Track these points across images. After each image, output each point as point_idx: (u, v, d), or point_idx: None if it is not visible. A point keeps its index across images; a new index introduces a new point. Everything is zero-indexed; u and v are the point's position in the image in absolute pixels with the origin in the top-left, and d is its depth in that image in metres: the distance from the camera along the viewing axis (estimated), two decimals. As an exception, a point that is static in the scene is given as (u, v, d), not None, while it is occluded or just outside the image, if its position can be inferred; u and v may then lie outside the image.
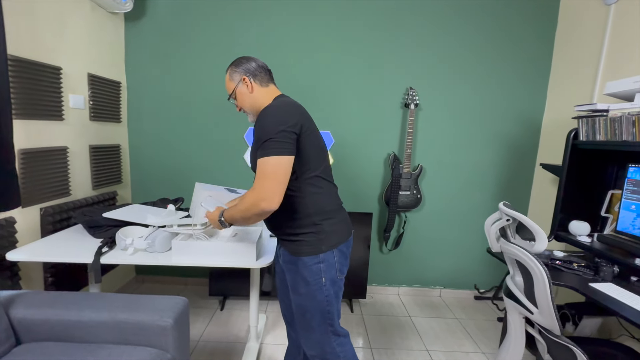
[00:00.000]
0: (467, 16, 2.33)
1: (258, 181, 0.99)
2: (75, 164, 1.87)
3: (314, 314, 1.13)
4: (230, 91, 1.18)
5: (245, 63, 1.16)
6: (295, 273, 1.13)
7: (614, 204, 1.72)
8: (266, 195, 0.97)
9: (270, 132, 0.98)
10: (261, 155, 0.99)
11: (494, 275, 2.63)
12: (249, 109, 1.19)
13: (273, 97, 1.17)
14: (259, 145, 1.00)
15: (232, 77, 1.17)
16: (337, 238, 1.15)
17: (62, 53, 1.73)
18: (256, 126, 1.06)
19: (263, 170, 0.98)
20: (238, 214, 1.06)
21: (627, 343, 1.66)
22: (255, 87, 1.15)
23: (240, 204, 1.06)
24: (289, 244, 1.15)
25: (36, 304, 1.16)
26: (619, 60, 1.84)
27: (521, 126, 2.46)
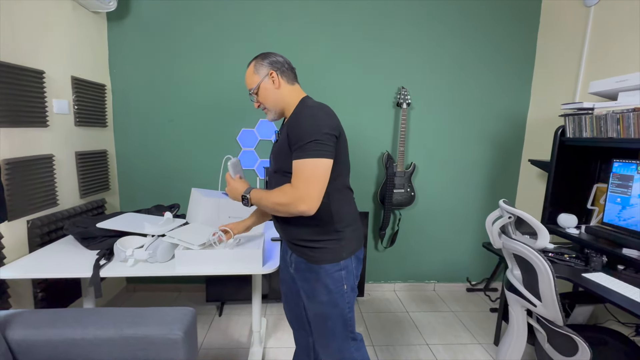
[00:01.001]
0: (454, 17, 2.38)
1: (301, 182, 0.96)
2: (62, 172, 1.78)
3: (335, 321, 1.12)
4: (254, 85, 1.11)
5: (273, 57, 1.11)
6: (316, 281, 1.11)
7: (598, 197, 1.82)
8: (307, 198, 0.95)
9: (314, 133, 0.96)
10: (304, 157, 0.96)
11: (485, 267, 2.73)
12: (272, 106, 1.12)
13: (299, 96, 1.13)
14: (300, 146, 0.97)
15: (258, 70, 1.10)
16: (355, 244, 1.15)
17: (44, 56, 1.64)
18: (294, 125, 1.01)
19: (306, 171, 0.96)
20: (269, 203, 1.02)
21: (614, 327, 1.76)
22: (282, 83, 1.10)
23: (275, 194, 1.01)
24: (307, 251, 1.12)
25: (35, 323, 1.10)
26: (600, 59, 1.94)
27: (507, 123, 2.55)
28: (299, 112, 1.04)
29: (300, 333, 1.39)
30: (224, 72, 2.30)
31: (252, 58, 1.14)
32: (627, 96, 1.50)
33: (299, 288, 1.23)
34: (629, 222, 1.50)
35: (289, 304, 1.35)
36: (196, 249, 1.34)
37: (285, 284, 1.33)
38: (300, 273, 1.16)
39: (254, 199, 1.07)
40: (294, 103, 1.11)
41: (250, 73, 1.12)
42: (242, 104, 2.34)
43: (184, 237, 1.39)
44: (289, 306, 1.36)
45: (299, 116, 1.03)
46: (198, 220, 1.60)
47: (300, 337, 1.40)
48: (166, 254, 1.39)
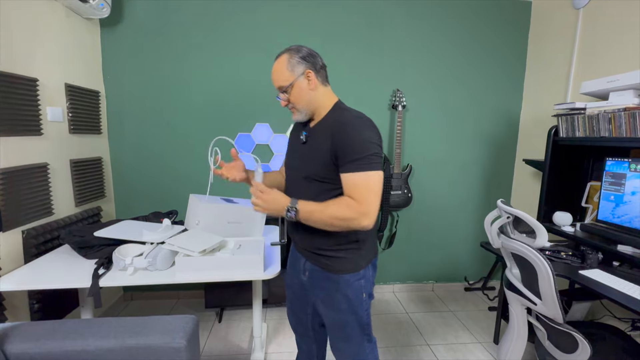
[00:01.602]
0: (446, 20, 2.41)
1: (365, 196, 0.92)
2: (57, 180, 1.75)
3: (353, 327, 1.11)
4: (286, 83, 1.02)
5: (306, 51, 1.04)
6: (335, 291, 1.08)
7: (592, 195, 1.85)
8: (371, 213, 0.93)
9: (372, 146, 0.95)
10: (366, 169, 0.93)
11: (482, 266, 2.75)
12: (304, 107, 1.05)
13: (333, 100, 1.09)
14: (358, 158, 0.93)
15: (293, 67, 1.02)
16: (373, 253, 1.14)
17: (37, 63, 1.62)
18: (346, 136, 0.96)
19: (370, 184, 0.93)
20: (326, 217, 0.95)
21: (610, 322, 1.80)
22: (318, 84, 1.05)
23: (335, 208, 0.95)
24: (325, 260, 1.08)
25: (34, 336, 1.08)
26: (590, 60, 1.98)
27: (501, 124, 2.59)
28: (345, 123, 0.98)
29: (304, 339, 1.37)
30: (219, 77, 2.30)
31: (283, 50, 1.05)
32: (618, 96, 1.53)
33: (308, 295, 1.21)
34: (622, 219, 1.53)
35: (295, 310, 1.32)
36: (197, 255, 1.33)
37: (291, 290, 1.30)
38: (316, 281, 1.13)
39: (303, 212, 0.96)
40: (327, 106, 1.07)
41: (282, 69, 1.03)
42: (238, 108, 2.34)
43: (184, 243, 1.38)
44: (294, 312, 1.33)
45: (350, 127, 0.97)
46: (197, 226, 1.59)
47: (304, 343, 1.38)
48: (166, 261, 1.38)
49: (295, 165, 1.13)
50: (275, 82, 1.06)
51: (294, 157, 1.15)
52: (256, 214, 1.72)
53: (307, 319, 1.30)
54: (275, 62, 1.06)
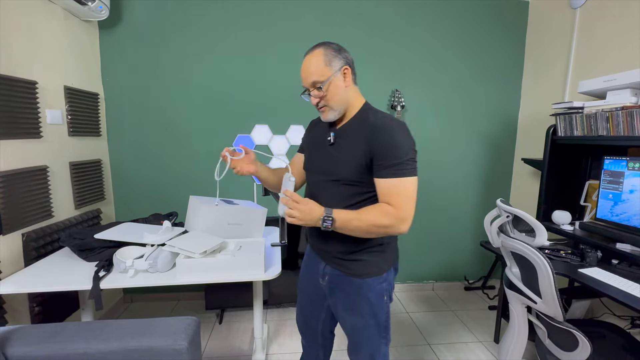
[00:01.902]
0: (445, 21, 2.42)
1: (404, 202, 0.91)
2: (56, 183, 1.75)
3: (372, 330, 1.09)
4: (324, 78, 0.96)
5: (344, 51, 1.00)
6: (357, 295, 1.06)
7: (590, 193, 1.86)
8: (409, 219, 0.92)
9: (410, 151, 0.94)
10: (404, 175, 0.92)
11: (482, 265, 2.76)
12: (338, 105, 1.00)
13: (362, 100, 1.06)
14: (395, 164, 0.92)
15: (331, 62, 0.97)
16: (394, 256, 1.13)
17: (36, 66, 1.62)
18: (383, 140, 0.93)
19: (408, 191, 0.92)
20: (364, 224, 0.92)
21: (610, 320, 1.80)
22: (350, 82, 1.01)
23: (373, 215, 0.92)
24: (348, 264, 1.06)
25: (35, 339, 1.08)
26: (587, 59, 1.99)
27: (499, 124, 2.60)
28: (384, 125, 0.95)
29: (311, 345, 1.34)
30: (217, 78, 2.30)
31: (316, 45, 1.00)
32: (616, 95, 1.54)
33: (322, 300, 1.19)
34: (621, 218, 1.54)
35: (306, 316, 1.29)
36: (198, 257, 1.34)
37: (304, 295, 1.27)
38: (337, 285, 1.10)
39: (340, 222, 0.92)
40: (356, 106, 1.04)
41: (319, 63, 0.97)
42: (236, 109, 2.34)
43: (185, 245, 1.38)
44: (305, 318, 1.30)
45: (387, 131, 0.94)
46: (197, 228, 1.59)
47: (311, 348, 1.35)
48: (167, 263, 1.38)
49: (322, 168, 1.07)
50: (308, 78, 1.00)
51: (319, 159, 1.10)
52: (255, 215, 1.72)
53: (318, 325, 1.27)
54: (308, 56, 1.01)
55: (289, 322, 2.24)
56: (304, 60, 1.02)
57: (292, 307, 2.42)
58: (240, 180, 2.41)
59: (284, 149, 2.43)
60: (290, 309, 2.40)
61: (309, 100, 1.05)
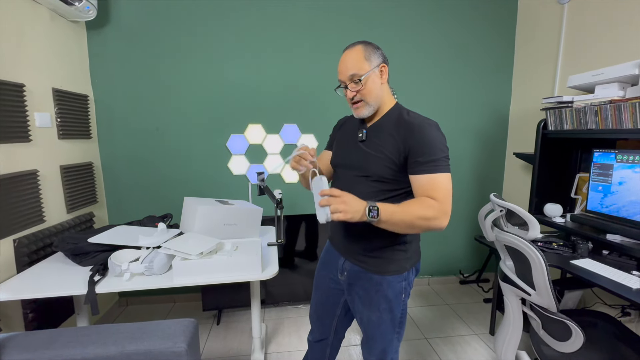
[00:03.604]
0: (435, 17, 2.43)
1: (445, 196, 0.93)
2: (47, 187, 1.72)
3: (388, 325, 1.10)
4: (363, 72, 0.98)
5: (381, 50, 1.03)
6: (376, 292, 1.07)
7: (581, 186, 1.90)
8: (449, 213, 0.94)
9: (445, 148, 0.96)
10: (442, 171, 0.95)
11: (476, 259, 2.80)
12: (373, 101, 1.02)
13: (392, 100, 1.08)
14: (432, 160, 0.94)
15: (370, 57, 1.00)
16: (417, 256, 1.13)
17: (23, 68, 1.59)
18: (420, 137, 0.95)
19: (448, 186, 0.95)
20: (409, 216, 0.90)
21: (601, 309, 1.85)
22: (386, 81, 1.04)
23: (417, 207, 0.92)
24: (370, 261, 1.07)
25: (31, 346, 1.06)
26: (575, 54, 2.03)
27: (491, 119, 2.63)
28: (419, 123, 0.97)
29: (320, 344, 1.33)
30: (209, 77, 2.28)
31: (355, 42, 1.04)
32: (604, 89, 1.57)
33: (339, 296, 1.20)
34: (611, 209, 1.58)
35: (320, 312, 1.29)
36: (194, 258, 1.33)
37: (321, 291, 1.27)
38: (357, 281, 1.11)
39: (385, 213, 0.88)
40: (388, 104, 1.06)
41: (358, 57, 0.99)
42: (230, 108, 2.32)
43: (181, 247, 1.37)
44: (318, 315, 1.30)
45: (422, 129, 0.96)
46: (193, 229, 1.58)
47: (318, 346, 1.34)
48: (163, 265, 1.37)
49: (353, 164, 1.08)
50: (346, 71, 1.01)
51: (350, 154, 1.10)
52: (251, 215, 1.72)
53: (333, 322, 1.27)
54: (347, 50, 1.03)
55: (286, 321, 2.24)
56: (343, 54, 1.05)
57: (289, 306, 2.42)
58: (235, 180, 2.40)
59: (278, 148, 2.42)
60: (288, 308, 2.41)
61: (343, 95, 1.06)
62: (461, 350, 1.93)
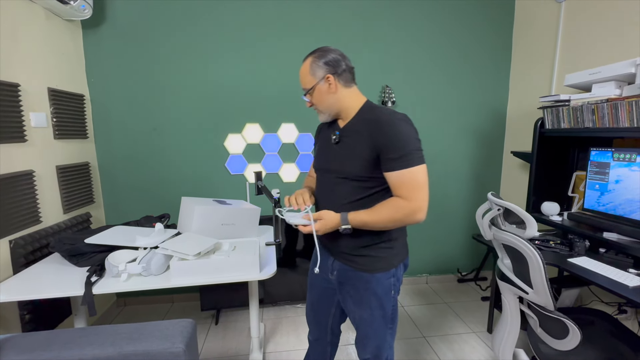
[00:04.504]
0: (433, 17, 2.43)
1: (413, 192, 0.95)
2: (43, 187, 1.71)
3: (380, 321, 1.12)
4: (310, 86, 1.06)
5: (330, 55, 1.04)
6: (365, 290, 1.09)
7: (578, 184, 1.90)
8: (423, 207, 0.95)
9: (414, 141, 0.96)
10: (410, 165, 0.95)
11: (474, 258, 2.81)
12: (326, 109, 1.08)
13: (360, 100, 1.09)
14: (401, 155, 0.94)
15: (314, 71, 1.04)
16: (405, 252, 1.15)
17: (18, 68, 1.57)
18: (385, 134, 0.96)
19: (419, 180, 0.95)
20: (379, 223, 0.98)
21: (598, 307, 1.86)
22: (339, 87, 1.05)
23: (386, 212, 0.97)
24: (358, 259, 1.09)
25: (28, 347, 1.06)
26: (572, 52, 2.03)
27: (488, 118, 2.63)
28: (385, 121, 0.98)
29: (319, 342, 1.35)
30: (206, 76, 2.27)
31: (309, 53, 1.08)
32: (601, 87, 1.57)
33: (333, 295, 1.22)
34: (607, 207, 1.58)
35: (316, 311, 1.31)
36: (192, 259, 1.33)
37: (315, 290, 1.29)
38: (346, 280, 1.13)
39: (356, 226, 1.00)
40: (352, 107, 1.08)
41: (305, 72, 1.07)
42: (228, 108, 2.32)
43: (179, 247, 1.37)
44: (314, 313, 1.32)
45: (389, 125, 0.97)
46: (191, 229, 1.58)
47: (318, 345, 1.36)
48: (161, 266, 1.36)
49: (329, 166, 1.12)
50: (301, 85, 1.10)
51: (327, 158, 1.14)
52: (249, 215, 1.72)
53: (328, 321, 1.29)
54: (302, 64, 1.10)
55: (285, 321, 2.24)
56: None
57: (288, 306, 2.42)
58: (232, 180, 2.40)
59: (276, 148, 2.42)
60: (286, 308, 2.41)
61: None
62: (459, 349, 1.93)
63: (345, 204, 1.05)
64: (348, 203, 1.05)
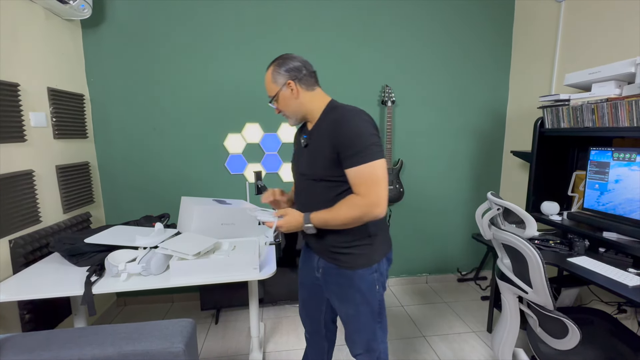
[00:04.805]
0: (433, 16, 2.43)
1: (369, 187, 0.96)
2: (43, 187, 1.71)
3: (367, 316, 1.14)
4: (273, 94, 1.10)
5: (290, 63, 1.07)
6: (349, 287, 1.11)
7: (578, 184, 1.90)
8: (380, 201, 0.96)
9: (369, 136, 0.97)
10: (365, 161, 0.96)
11: (474, 257, 2.81)
12: (292, 114, 1.12)
13: (323, 101, 1.11)
14: (356, 152, 0.96)
15: (276, 79, 1.08)
16: (387, 246, 1.17)
17: (17, 68, 1.57)
18: (341, 133, 0.98)
19: (374, 175, 0.96)
20: (339, 222, 1.01)
21: (597, 307, 1.86)
22: (301, 92, 1.08)
23: (344, 210, 0.99)
24: (340, 257, 1.11)
25: (28, 347, 1.06)
26: (572, 52, 2.03)
27: (488, 117, 2.63)
28: (340, 119, 1.01)
29: (315, 338, 1.38)
30: (206, 76, 2.27)
31: (271, 62, 1.11)
32: (600, 87, 1.57)
33: (322, 292, 1.23)
34: (607, 207, 1.58)
35: (308, 308, 1.34)
36: (191, 259, 1.33)
37: (305, 288, 1.31)
38: (330, 277, 1.16)
39: (319, 223, 1.04)
40: (317, 108, 1.10)
41: (268, 81, 1.10)
42: (227, 107, 2.31)
43: (178, 247, 1.37)
44: (307, 311, 1.34)
45: (343, 123, 0.99)
46: (190, 229, 1.58)
47: (314, 341, 1.39)
48: (160, 265, 1.36)
49: (301, 169, 1.15)
50: (267, 92, 1.13)
51: (299, 161, 1.18)
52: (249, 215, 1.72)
53: (321, 317, 1.32)
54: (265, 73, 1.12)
55: (285, 320, 2.24)
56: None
57: (288, 305, 2.42)
58: (232, 179, 2.40)
59: (276, 147, 2.42)
60: (286, 307, 2.41)
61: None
62: (459, 348, 1.94)
63: (319, 205, 1.06)
64: (322, 204, 1.06)
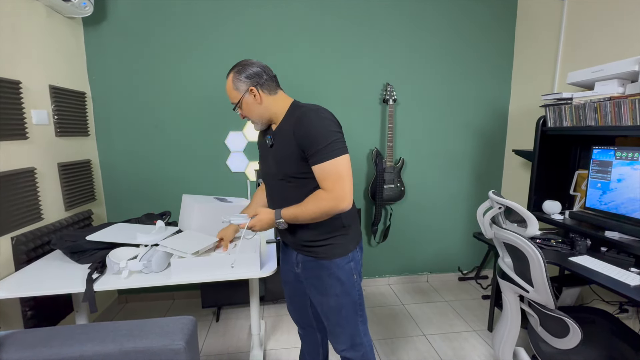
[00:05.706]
0: (435, 14, 2.42)
1: (334, 183, 1.00)
2: (45, 185, 1.72)
3: (349, 309, 1.17)
4: (236, 101, 1.12)
5: (250, 69, 1.09)
6: (328, 277, 1.14)
7: (580, 183, 1.89)
8: (345, 195, 1.00)
9: (330, 134, 1.00)
10: (329, 158, 0.99)
11: (475, 256, 2.80)
12: (257, 118, 1.14)
13: (286, 102, 1.14)
14: (319, 149, 0.99)
15: (237, 86, 1.09)
16: (359, 235, 1.22)
17: (19, 65, 1.57)
18: (304, 132, 1.01)
19: (338, 171, 1.00)
20: (307, 216, 1.04)
21: (599, 306, 1.86)
22: (264, 97, 1.10)
23: (312, 205, 1.03)
24: (317, 249, 1.14)
25: (30, 344, 1.06)
26: (575, 50, 2.02)
27: (490, 116, 2.62)
28: (302, 118, 1.03)
29: (308, 331, 1.42)
30: (207, 74, 2.27)
31: (230, 69, 1.12)
32: (603, 85, 1.56)
33: (304, 287, 1.26)
34: (609, 206, 1.57)
35: (294, 304, 1.37)
36: (189, 257, 1.33)
37: (289, 285, 1.35)
38: (309, 271, 1.19)
39: (289, 219, 1.08)
40: (281, 111, 1.12)
41: (229, 88, 1.11)
42: (229, 105, 2.31)
43: (178, 245, 1.37)
44: (294, 306, 1.38)
45: (306, 122, 1.02)
46: (191, 227, 1.58)
47: (307, 335, 1.43)
48: (161, 263, 1.37)
49: (269, 170, 1.17)
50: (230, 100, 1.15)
51: (266, 162, 1.19)
52: None
53: (308, 310, 1.36)
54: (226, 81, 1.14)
55: (285, 318, 2.25)
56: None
57: (288, 303, 2.43)
58: (233, 177, 2.40)
59: (277, 145, 2.41)
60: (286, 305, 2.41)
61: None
62: (459, 347, 1.94)
63: (290, 204, 1.09)
64: (293, 202, 1.08)
